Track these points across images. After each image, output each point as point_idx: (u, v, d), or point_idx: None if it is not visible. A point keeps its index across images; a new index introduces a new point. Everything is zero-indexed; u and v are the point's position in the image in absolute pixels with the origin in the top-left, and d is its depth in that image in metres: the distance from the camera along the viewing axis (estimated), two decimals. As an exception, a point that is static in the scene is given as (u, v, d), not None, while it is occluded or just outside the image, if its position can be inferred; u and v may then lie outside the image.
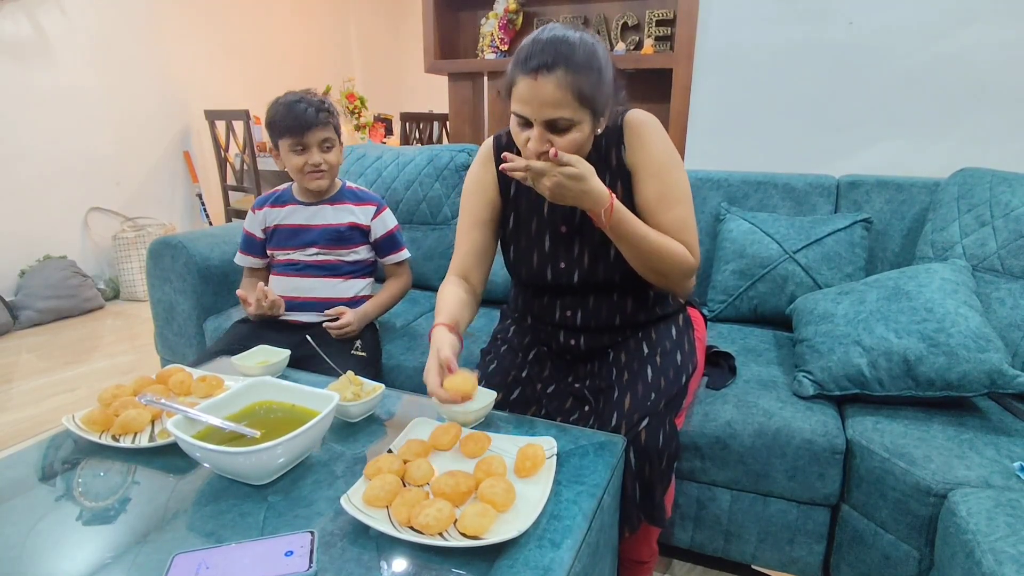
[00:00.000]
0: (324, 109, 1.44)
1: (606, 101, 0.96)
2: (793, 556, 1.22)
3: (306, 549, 0.64)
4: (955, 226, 1.43)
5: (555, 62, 0.89)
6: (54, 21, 3.10)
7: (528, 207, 1.14)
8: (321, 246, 1.49)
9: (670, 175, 1.03)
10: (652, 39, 2.32)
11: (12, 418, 2.03)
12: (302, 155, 1.43)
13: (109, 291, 3.37)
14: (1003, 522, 0.84)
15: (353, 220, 1.51)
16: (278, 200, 1.54)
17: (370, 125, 4.36)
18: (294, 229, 1.51)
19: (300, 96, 1.43)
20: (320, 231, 1.49)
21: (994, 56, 1.82)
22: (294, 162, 1.43)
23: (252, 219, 1.54)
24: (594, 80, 0.92)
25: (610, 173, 1.06)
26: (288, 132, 1.41)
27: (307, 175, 1.44)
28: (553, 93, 0.90)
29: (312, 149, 1.43)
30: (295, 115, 1.40)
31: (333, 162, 1.47)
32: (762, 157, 2.17)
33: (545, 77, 0.89)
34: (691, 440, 1.21)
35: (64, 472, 0.85)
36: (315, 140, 1.42)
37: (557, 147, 0.94)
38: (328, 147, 1.46)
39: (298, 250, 1.49)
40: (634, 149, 1.04)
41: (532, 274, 1.14)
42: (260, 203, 1.55)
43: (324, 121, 1.43)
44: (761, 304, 1.60)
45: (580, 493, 0.78)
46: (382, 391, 1.01)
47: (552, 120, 0.92)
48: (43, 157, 3.12)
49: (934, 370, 1.12)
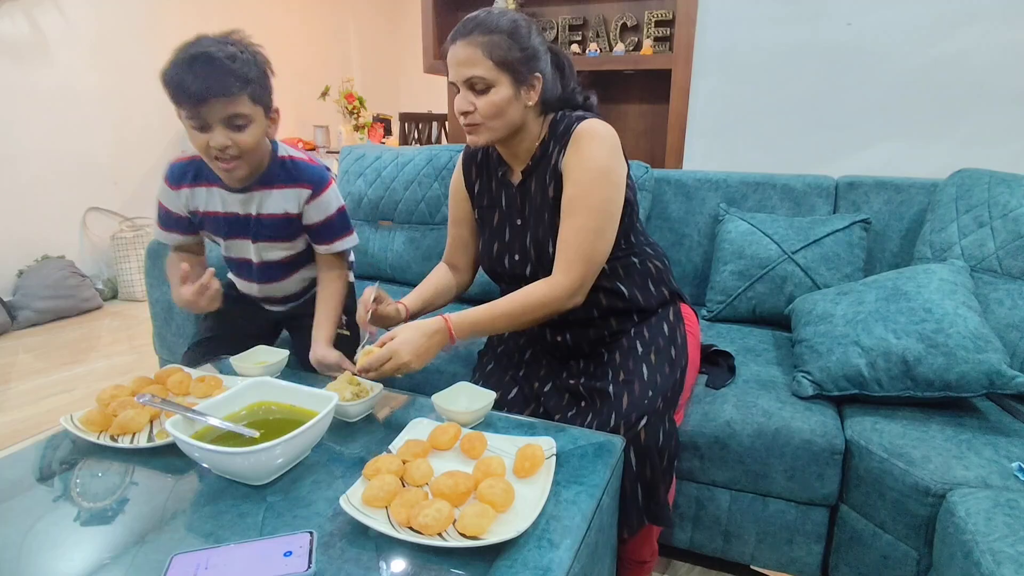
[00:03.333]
0: (233, 73, 1.02)
1: (526, 70, 1.04)
2: (792, 556, 1.22)
3: (305, 549, 0.64)
4: (953, 227, 1.43)
5: (467, 29, 1.03)
6: (52, 21, 3.09)
7: (489, 202, 1.22)
8: (262, 241, 1.25)
9: (590, 185, 1.05)
10: (651, 40, 2.32)
11: (10, 418, 2.03)
12: (202, 134, 1.06)
13: (107, 291, 3.37)
14: (1001, 522, 0.84)
15: (286, 210, 1.22)
16: (198, 177, 1.21)
17: (369, 125, 4.36)
18: (224, 218, 1.23)
19: (204, 47, 1.02)
20: (255, 222, 1.23)
21: (993, 56, 1.82)
22: (195, 140, 1.08)
23: (168, 195, 1.23)
24: (507, 44, 1.02)
25: (549, 174, 1.10)
26: (177, 101, 1.03)
27: (212, 161, 1.10)
28: (467, 51, 1.02)
29: (215, 127, 1.05)
30: (188, 78, 1.00)
31: (246, 144, 1.08)
32: (761, 158, 2.18)
33: (462, 40, 1.02)
34: (690, 440, 1.21)
35: (62, 472, 0.84)
36: (217, 116, 1.04)
37: (477, 107, 1.03)
38: (239, 125, 1.07)
39: (233, 242, 1.26)
40: (570, 154, 1.07)
41: (492, 261, 1.21)
42: (176, 177, 1.21)
43: (230, 89, 1.02)
44: (760, 304, 1.60)
45: (579, 493, 0.78)
46: (381, 391, 1.01)
47: (470, 80, 1.03)
48: (41, 157, 3.11)
49: (933, 370, 1.12)
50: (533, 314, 1.07)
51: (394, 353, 0.98)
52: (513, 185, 1.17)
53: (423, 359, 1.01)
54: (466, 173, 1.24)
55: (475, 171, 1.23)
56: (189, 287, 1.11)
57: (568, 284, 1.05)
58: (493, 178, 1.20)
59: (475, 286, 1.82)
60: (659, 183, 1.80)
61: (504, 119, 1.05)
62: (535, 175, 1.13)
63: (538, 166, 1.12)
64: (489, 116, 1.04)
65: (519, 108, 1.06)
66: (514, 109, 1.05)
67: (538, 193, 1.13)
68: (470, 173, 1.24)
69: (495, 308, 1.07)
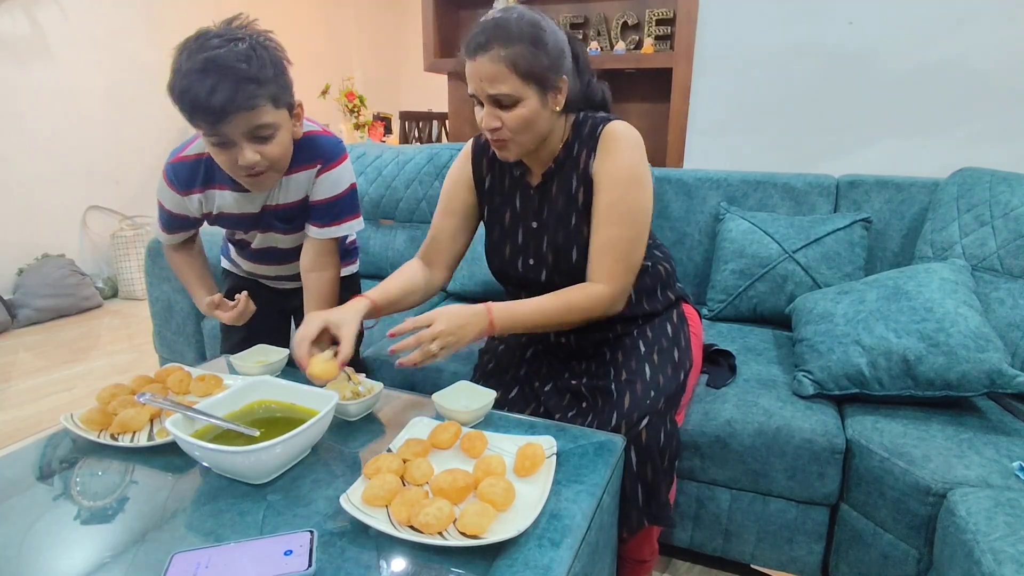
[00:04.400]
0: (251, 80, 0.91)
1: (553, 76, 0.99)
2: (792, 555, 1.22)
3: (305, 548, 0.64)
4: (954, 226, 1.43)
5: (488, 41, 0.95)
6: (53, 19, 3.09)
7: (502, 200, 1.17)
8: (280, 231, 1.20)
9: (626, 191, 1.03)
10: (652, 38, 2.32)
11: (10, 417, 2.03)
12: (226, 151, 0.98)
13: (107, 290, 3.37)
14: (1002, 521, 0.84)
15: (304, 195, 1.15)
16: (209, 179, 1.11)
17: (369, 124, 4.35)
18: (239, 217, 1.17)
19: (212, 51, 0.90)
20: (270, 214, 1.17)
21: (994, 56, 1.82)
22: (218, 157, 1.00)
23: (175, 199, 1.14)
24: (531, 54, 0.95)
25: (577, 178, 1.08)
26: (191, 119, 0.95)
27: (242, 178, 1.03)
28: (490, 69, 0.95)
29: (239, 143, 0.96)
30: (201, 94, 0.90)
31: (275, 155, 1.00)
32: (762, 156, 2.17)
33: (482, 56, 0.95)
34: (691, 439, 1.21)
35: (62, 471, 0.84)
36: (239, 131, 0.95)
37: (504, 122, 0.98)
38: (265, 137, 0.98)
39: (253, 231, 1.21)
40: (602, 159, 1.05)
41: (503, 264, 1.17)
42: (184, 182, 1.11)
43: (251, 101, 0.92)
44: (761, 303, 1.60)
45: (580, 492, 0.77)
46: (380, 390, 1.01)
47: (496, 97, 0.97)
48: (42, 156, 3.11)
49: (933, 370, 1.12)
50: (572, 318, 1.04)
51: (433, 320, 0.95)
52: (531, 186, 1.13)
53: (458, 337, 0.96)
54: (476, 165, 1.19)
55: (486, 165, 1.18)
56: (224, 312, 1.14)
57: (611, 293, 1.04)
58: (507, 176, 1.16)
59: (475, 285, 1.82)
60: (660, 182, 1.80)
61: (533, 132, 1.01)
62: (558, 178, 1.10)
63: (562, 169, 1.09)
64: (518, 131, 1.00)
65: (547, 116, 1.02)
66: (543, 119, 1.01)
67: (560, 196, 1.09)
68: (480, 166, 1.18)
69: (538, 305, 1.03)
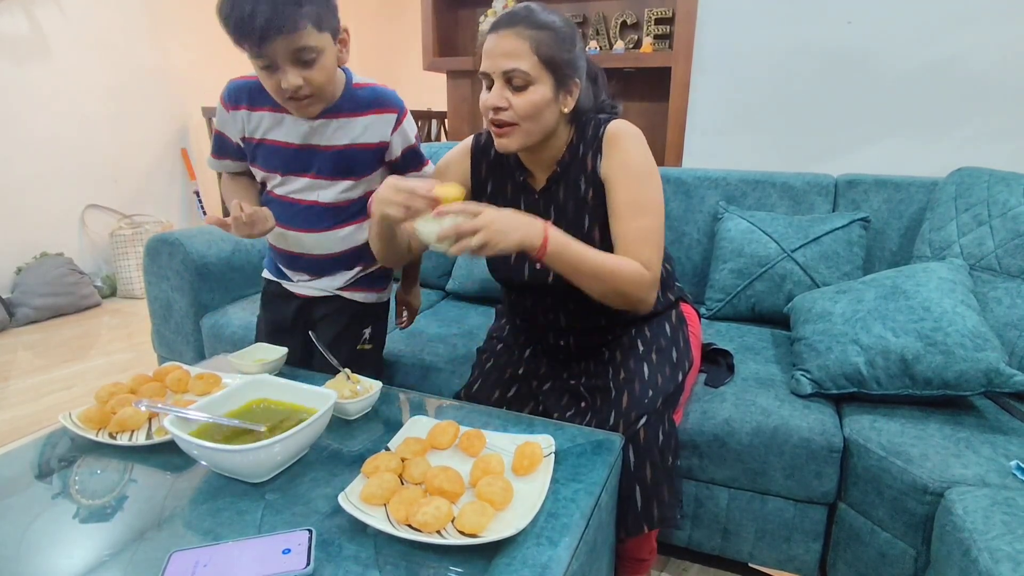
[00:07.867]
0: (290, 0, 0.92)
1: (570, 73, 0.99)
2: (790, 554, 1.22)
3: (304, 547, 0.64)
4: (953, 225, 1.43)
5: (514, 18, 0.96)
6: (52, 18, 3.08)
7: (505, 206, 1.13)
8: (323, 176, 1.13)
9: (643, 184, 1.02)
10: (651, 38, 2.31)
11: (9, 416, 2.03)
12: (272, 75, 0.98)
13: (106, 288, 3.36)
14: (999, 520, 0.85)
15: (365, 140, 1.11)
16: (259, 99, 1.10)
17: (368, 123, 4.35)
18: (284, 149, 1.12)
19: None
20: (319, 155, 1.12)
21: (992, 56, 1.82)
22: (265, 82, 1.02)
23: (225, 118, 1.14)
24: (555, 42, 0.96)
25: (585, 179, 1.07)
26: (237, 41, 0.95)
27: (285, 101, 1.03)
28: (512, 43, 0.95)
29: (283, 66, 0.97)
30: (243, 17, 0.91)
31: (319, 81, 1.00)
32: (760, 156, 2.18)
33: (506, 30, 0.96)
34: (689, 438, 1.21)
35: (61, 470, 0.84)
36: (282, 53, 0.95)
37: (514, 105, 0.96)
38: (308, 60, 0.98)
39: (289, 177, 1.15)
40: (610, 158, 1.04)
41: (510, 271, 1.13)
42: (234, 97, 1.12)
43: (294, 23, 0.92)
44: (759, 303, 1.60)
45: (578, 491, 0.78)
46: (379, 389, 1.01)
47: (509, 74, 0.96)
48: (40, 154, 3.11)
49: (931, 369, 1.12)
50: (613, 285, 0.97)
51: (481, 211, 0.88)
52: (535, 191, 1.11)
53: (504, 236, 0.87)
54: (475, 166, 1.16)
55: (485, 168, 1.16)
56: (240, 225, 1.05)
57: (652, 278, 0.99)
58: (509, 182, 1.14)
59: (475, 285, 1.83)
60: (658, 181, 1.80)
61: (540, 122, 0.99)
62: (564, 181, 1.08)
63: (567, 171, 1.07)
64: (525, 116, 0.97)
65: (555, 113, 1.00)
66: (550, 113, 0.99)
67: (569, 200, 1.08)
68: (480, 168, 1.16)
69: (594, 254, 0.96)
